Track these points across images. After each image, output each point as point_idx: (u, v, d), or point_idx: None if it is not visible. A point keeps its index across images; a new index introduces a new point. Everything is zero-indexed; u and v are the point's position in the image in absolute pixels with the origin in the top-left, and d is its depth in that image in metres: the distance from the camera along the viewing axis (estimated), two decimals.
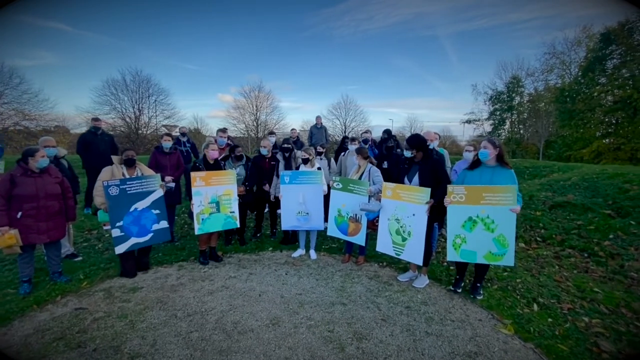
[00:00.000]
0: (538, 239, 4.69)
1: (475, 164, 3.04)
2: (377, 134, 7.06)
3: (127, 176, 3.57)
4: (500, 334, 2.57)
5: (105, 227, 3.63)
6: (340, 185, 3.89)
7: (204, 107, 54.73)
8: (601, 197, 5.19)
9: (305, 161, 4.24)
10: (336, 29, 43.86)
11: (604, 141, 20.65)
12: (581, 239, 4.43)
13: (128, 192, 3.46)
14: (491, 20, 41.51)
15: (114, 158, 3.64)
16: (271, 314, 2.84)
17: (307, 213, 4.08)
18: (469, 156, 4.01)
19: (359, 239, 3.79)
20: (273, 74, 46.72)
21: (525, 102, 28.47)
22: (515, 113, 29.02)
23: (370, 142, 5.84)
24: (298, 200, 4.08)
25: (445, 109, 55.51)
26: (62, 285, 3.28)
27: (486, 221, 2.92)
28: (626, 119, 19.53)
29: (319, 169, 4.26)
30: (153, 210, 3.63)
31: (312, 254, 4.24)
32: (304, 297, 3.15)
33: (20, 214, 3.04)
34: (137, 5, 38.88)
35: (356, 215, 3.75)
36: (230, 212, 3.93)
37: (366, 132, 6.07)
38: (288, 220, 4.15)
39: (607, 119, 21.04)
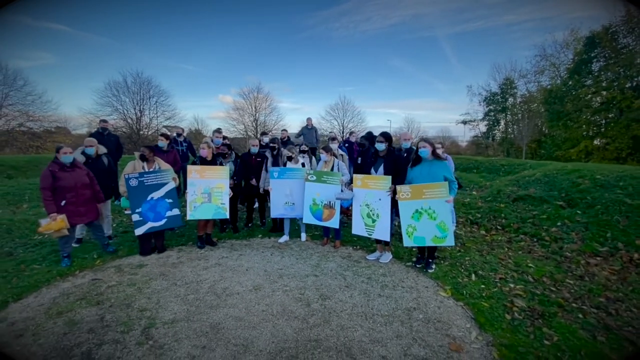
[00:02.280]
0: (498, 227, 5.29)
1: (416, 161, 3.68)
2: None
3: (147, 169, 4.22)
4: (439, 296, 3.17)
5: (126, 212, 4.26)
6: (315, 178, 4.46)
7: (205, 108, 55.52)
8: (557, 190, 5.78)
9: (289, 158, 4.85)
10: (334, 30, 44.67)
11: (595, 142, 21.23)
12: (534, 226, 5.01)
13: (145, 183, 4.10)
14: (488, 21, 42.35)
15: (136, 154, 4.33)
16: (255, 282, 3.43)
17: (293, 203, 4.68)
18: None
19: (333, 223, 4.37)
20: (272, 75, 47.59)
21: (518, 103, 29.12)
22: (509, 114, 29.68)
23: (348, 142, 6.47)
24: (285, 192, 4.67)
25: (444, 110, 56.38)
26: (79, 262, 3.88)
27: (429, 211, 3.54)
28: (613, 119, 20.15)
29: (303, 165, 4.86)
30: (167, 199, 4.24)
31: (303, 236, 4.89)
32: (284, 271, 3.74)
33: (64, 202, 3.69)
34: (137, 6, 39.65)
35: (330, 202, 4.34)
36: (221, 204, 4.49)
37: (344, 133, 6.69)
38: (277, 209, 4.74)
39: (595, 120, 21.64)
